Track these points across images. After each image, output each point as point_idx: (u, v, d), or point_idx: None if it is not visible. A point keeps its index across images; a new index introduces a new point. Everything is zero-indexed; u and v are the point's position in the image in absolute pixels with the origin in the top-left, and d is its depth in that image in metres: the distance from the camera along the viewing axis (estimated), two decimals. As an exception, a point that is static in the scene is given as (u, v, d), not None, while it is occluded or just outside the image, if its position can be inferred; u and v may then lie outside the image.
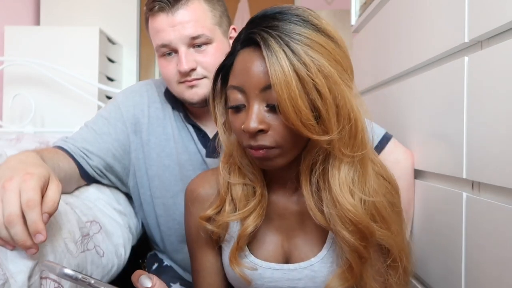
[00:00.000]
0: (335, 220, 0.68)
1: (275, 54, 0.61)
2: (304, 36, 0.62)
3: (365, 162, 0.69)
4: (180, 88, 0.99)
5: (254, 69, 0.64)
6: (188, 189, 0.83)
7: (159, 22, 0.95)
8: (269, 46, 0.62)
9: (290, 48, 0.61)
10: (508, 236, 0.61)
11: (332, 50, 0.64)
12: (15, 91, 2.31)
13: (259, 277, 0.76)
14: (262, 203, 0.75)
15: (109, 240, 0.94)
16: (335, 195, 0.67)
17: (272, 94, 0.62)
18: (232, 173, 0.76)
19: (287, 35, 0.62)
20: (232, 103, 0.68)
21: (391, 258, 0.72)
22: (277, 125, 0.65)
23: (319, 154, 0.67)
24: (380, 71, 1.25)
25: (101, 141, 1.03)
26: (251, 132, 0.64)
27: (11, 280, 0.60)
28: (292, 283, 0.76)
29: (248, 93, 0.65)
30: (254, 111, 0.65)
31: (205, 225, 0.77)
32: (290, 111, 0.61)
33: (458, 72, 0.75)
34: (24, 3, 2.88)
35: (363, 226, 0.67)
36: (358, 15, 1.62)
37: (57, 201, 0.65)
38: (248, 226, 0.74)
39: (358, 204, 0.67)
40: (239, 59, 0.67)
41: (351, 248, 0.68)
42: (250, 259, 0.76)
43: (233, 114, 0.68)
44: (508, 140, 0.60)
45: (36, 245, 0.61)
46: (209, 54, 0.97)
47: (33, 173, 0.65)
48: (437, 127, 0.84)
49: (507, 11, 0.61)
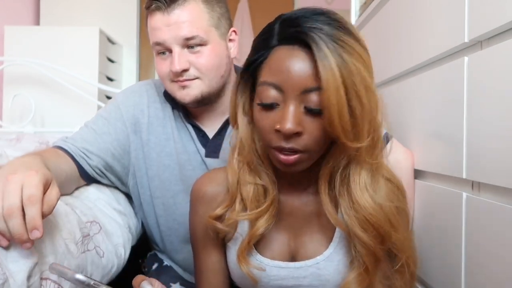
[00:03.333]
0: (354, 223, 0.69)
1: (327, 58, 0.61)
2: (347, 44, 0.63)
3: (380, 168, 0.72)
4: (173, 87, 0.99)
5: (298, 69, 0.63)
6: (195, 188, 0.82)
7: (155, 21, 0.96)
8: (321, 50, 0.61)
9: (338, 53, 0.61)
10: (508, 236, 0.61)
11: (367, 59, 0.65)
12: (15, 91, 2.31)
13: (265, 275, 0.76)
14: (274, 205, 0.75)
15: (109, 240, 0.94)
16: (356, 199, 0.68)
17: (314, 98, 0.62)
18: (242, 172, 0.76)
19: (334, 41, 0.62)
20: (265, 100, 0.66)
21: (399, 263, 0.73)
22: (313, 130, 0.64)
23: (343, 160, 0.69)
24: (380, 71, 1.25)
25: (101, 141, 1.03)
26: (287, 133, 0.63)
27: (11, 279, 0.60)
28: (298, 281, 0.76)
29: (286, 92, 0.64)
30: (292, 111, 0.63)
31: (215, 224, 0.76)
32: (336, 117, 0.61)
33: (458, 72, 0.75)
34: (24, 3, 2.88)
35: (383, 229, 0.69)
36: (358, 15, 1.62)
37: (54, 205, 0.65)
38: (259, 227, 0.74)
39: (378, 208, 0.69)
40: (277, 55, 0.65)
41: (369, 251, 0.70)
42: (256, 258, 0.77)
43: (263, 112, 0.67)
44: (508, 140, 0.60)
45: (32, 240, 0.61)
46: (203, 56, 0.96)
47: (38, 171, 0.65)
48: (437, 127, 0.84)
49: (507, 11, 0.61)
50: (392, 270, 0.74)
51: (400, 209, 0.75)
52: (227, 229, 0.76)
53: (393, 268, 0.74)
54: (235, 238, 0.78)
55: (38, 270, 0.65)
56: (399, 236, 0.71)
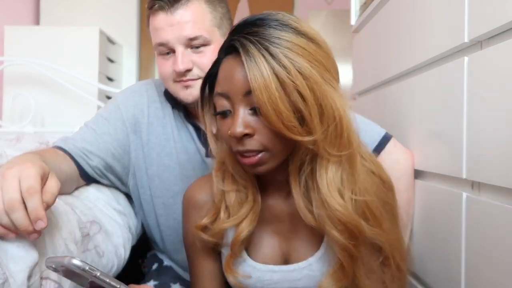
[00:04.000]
0: (325, 220, 0.68)
1: (253, 59, 0.62)
2: (283, 40, 0.64)
3: (353, 161, 0.69)
4: (176, 88, 0.99)
5: (236, 75, 0.65)
6: (186, 196, 0.83)
7: (158, 21, 0.95)
8: (248, 52, 0.63)
9: (269, 52, 0.63)
10: (508, 236, 0.61)
11: (313, 51, 0.65)
12: (15, 91, 2.31)
13: (258, 280, 0.76)
14: (255, 208, 0.75)
15: (109, 240, 0.94)
16: (323, 196, 0.67)
17: (254, 98, 0.63)
18: (225, 180, 0.77)
19: (266, 40, 0.63)
20: (219, 109, 0.69)
21: (383, 255, 0.73)
22: (262, 129, 0.66)
23: (306, 154, 0.68)
24: (380, 71, 1.25)
25: (101, 141, 1.03)
26: (237, 136, 0.65)
27: (11, 279, 0.60)
28: (292, 284, 0.76)
29: (232, 98, 0.67)
30: (239, 115, 0.66)
31: (200, 234, 0.77)
32: (271, 114, 0.62)
33: (458, 72, 0.75)
34: (24, 3, 2.88)
35: (353, 226, 0.67)
36: (358, 15, 1.62)
37: (56, 194, 0.65)
38: (241, 232, 0.74)
39: (347, 204, 0.68)
40: (223, 67, 0.69)
41: (341, 247, 0.69)
42: (249, 263, 0.77)
43: (221, 121, 0.70)
44: (508, 140, 0.60)
45: (39, 231, 0.61)
46: (206, 56, 0.97)
47: (34, 163, 0.65)
48: (437, 127, 0.84)
49: (507, 11, 0.61)
50: (378, 263, 0.74)
51: (384, 201, 0.74)
52: (213, 239, 0.77)
53: (377, 261, 0.73)
54: (226, 245, 0.78)
55: (38, 270, 0.65)
56: (378, 230, 0.70)
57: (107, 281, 0.58)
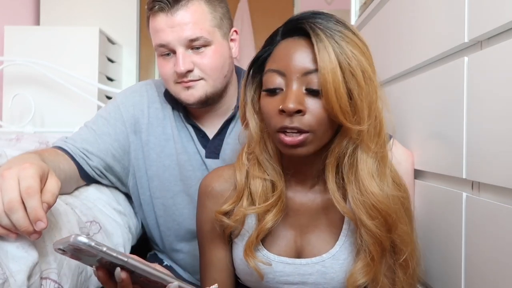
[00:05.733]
0: (361, 211, 0.70)
1: (323, 43, 0.66)
2: (344, 35, 0.68)
3: (385, 161, 0.73)
4: (177, 89, 0.99)
5: (299, 54, 0.68)
6: (203, 184, 0.84)
7: (158, 22, 0.95)
8: (318, 35, 0.67)
9: (335, 40, 0.67)
10: (508, 236, 0.61)
11: (366, 52, 0.70)
12: (15, 91, 2.31)
13: (270, 271, 0.77)
14: (282, 199, 0.76)
15: (109, 240, 0.94)
16: (364, 185, 0.70)
17: (314, 80, 0.67)
18: (251, 167, 0.78)
19: (332, 31, 0.68)
20: (269, 86, 0.70)
21: (403, 256, 0.74)
22: (314, 109, 0.68)
23: (348, 146, 0.71)
24: (380, 71, 1.25)
25: (101, 142, 1.03)
26: (290, 111, 0.67)
27: (11, 279, 0.60)
28: (303, 278, 0.77)
29: (288, 76, 0.69)
30: (293, 91, 0.68)
31: (222, 219, 0.78)
32: (332, 95, 0.65)
33: (458, 72, 0.75)
34: (24, 3, 2.88)
35: (390, 218, 0.70)
36: (358, 15, 1.62)
37: (56, 193, 0.65)
38: (267, 222, 0.75)
39: (386, 196, 0.71)
40: (281, 47, 0.71)
41: (376, 239, 0.71)
42: (262, 253, 0.78)
43: (267, 97, 0.71)
44: (508, 140, 0.60)
45: (39, 231, 0.61)
46: (207, 56, 0.97)
47: (33, 163, 0.65)
48: (437, 127, 0.84)
49: (507, 11, 0.61)
50: (396, 264, 0.75)
51: (404, 204, 0.76)
52: (234, 224, 0.77)
53: (397, 262, 0.75)
54: (242, 234, 0.79)
55: (38, 270, 0.65)
56: (405, 228, 0.73)
57: (114, 255, 0.58)
